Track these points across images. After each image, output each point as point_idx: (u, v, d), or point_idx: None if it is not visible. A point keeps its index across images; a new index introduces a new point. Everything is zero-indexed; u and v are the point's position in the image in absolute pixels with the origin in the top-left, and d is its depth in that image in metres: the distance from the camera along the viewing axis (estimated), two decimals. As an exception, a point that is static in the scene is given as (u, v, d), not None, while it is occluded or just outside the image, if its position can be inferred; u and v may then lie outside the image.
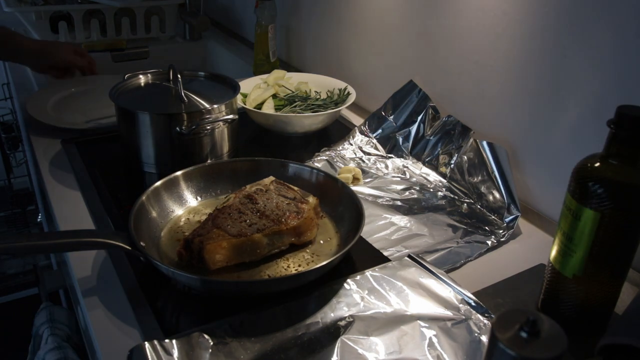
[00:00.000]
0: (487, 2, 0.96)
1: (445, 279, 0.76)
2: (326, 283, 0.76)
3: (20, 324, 2.16)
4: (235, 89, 1.10)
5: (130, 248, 0.74)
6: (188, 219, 0.89)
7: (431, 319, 0.70)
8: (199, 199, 0.93)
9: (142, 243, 0.75)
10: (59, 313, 1.07)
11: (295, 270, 0.78)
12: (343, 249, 0.77)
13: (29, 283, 2.35)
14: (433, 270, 0.78)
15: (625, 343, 0.59)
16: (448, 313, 0.71)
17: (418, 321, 0.69)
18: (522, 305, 0.74)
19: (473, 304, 0.72)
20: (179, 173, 0.91)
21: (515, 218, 0.90)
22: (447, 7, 1.05)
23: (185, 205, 0.91)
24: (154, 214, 0.85)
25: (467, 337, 0.67)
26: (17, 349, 2.08)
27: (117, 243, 0.74)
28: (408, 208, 0.96)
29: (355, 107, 1.35)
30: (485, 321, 0.69)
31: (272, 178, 0.90)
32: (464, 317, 0.70)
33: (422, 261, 0.79)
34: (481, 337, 0.67)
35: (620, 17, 0.77)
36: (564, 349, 0.44)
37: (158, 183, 0.88)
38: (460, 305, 0.72)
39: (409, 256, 0.81)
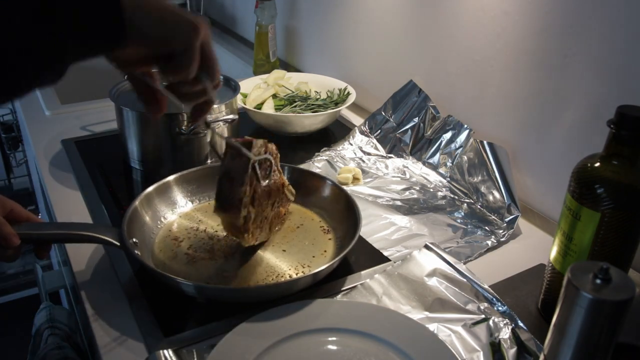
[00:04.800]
0: (487, 2, 0.96)
1: (465, 272, 0.77)
2: (325, 284, 0.76)
3: (20, 324, 2.16)
4: (235, 89, 1.10)
5: (119, 244, 0.74)
6: (181, 223, 0.88)
7: (451, 319, 0.71)
8: (192, 203, 0.92)
9: (134, 239, 0.75)
10: (59, 313, 1.07)
11: (296, 274, 0.78)
12: (341, 254, 0.76)
13: (29, 283, 2.35)
14: (451, 262, 0.78)
15: (626, 342, 0.59)
16: (467, 311, 0.72)
17: (436, 323, 0.70)
18: (522, 305, 0.75)
19: (493, 299, 0.72)
20: (170, 178, 0.90)
21: (515, 218, 0.90)
22: (447, 7, 1.05)
23: (178, 209, 0.90)
24: (147, 218, 0.85)
25: (487, 338, 0.68)
26: (17, 349, 2.08)
27: (107, 238, 0.73)
28: (408, 208, 0.96)
29: (355, 107, 1.35)
30: (505, 320, 0.69)
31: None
32: (483, 315, 0.71)
33: (440, 252, 0.80)
34: (500, 339, 0.67)
35: (620, 17, 0.77)
36: (633, 293, 0.49)
37: (150, 188, 0.87)
38: (480, 302, 0.72)
39: (426, 246, 0.82)
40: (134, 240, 0.76)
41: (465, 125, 1.03)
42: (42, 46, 0.45)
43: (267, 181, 0.75)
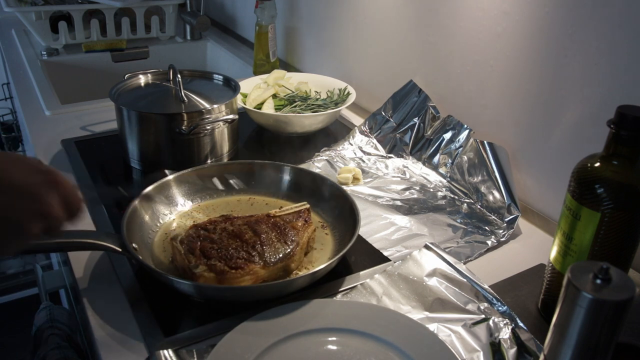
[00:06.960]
0: (487, 2, 0.96)
1: (465, 272, 0.77)
2: (325, 284, 0.76)
3: (20, 324, 2.16)
4: (235, 89, 1.10)
5: (120, 250, 0.73)
6: (180, 223, 0.88)
7: (451, 319, 0.71)
8: (191, 202, 0.92)
9: (133, 245, 0.75)
10: (59, 313, 1.07)
11: (295, 274, 0.78)
12: (339, 253, 0.76)
13: (29, 283, 2.35)
14: (451, 262, 0.79)
15: (626, 342, 0.59)
16: (467, 311, 0.72)
17: (436, 323, 0.70)
18: (522, 305, 0.75)
19: (493, 300, 0.72)
20: (170, 177, 0.90)
21: (515, 218, 0.90)
22: (447, 7, 1.05)
23: (177, 209, 0.90)
24: (147, 218, 0.85)
25: (487, 338, 0.68)
26: (17, 349, 2.08)
27: (107, 244, 0.73)
28: (408, 208, 0.96)
29: (355, 107, 1.35)
30: (505, 320, 0.69)
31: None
32: (483, 315, 0.71)
33: (440, 252, 0.80)
34: (500, 339, 0.67)
35: (620, 18, 0.77)
36: (633, 293, 0.49)
37: (149, 188, 0.86)
38: (480, 302, 0.72)
39: (426, 246, 0.82)
40: (134, 245, 0.76)
41: (465, 125, 1.03)
42: None
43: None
